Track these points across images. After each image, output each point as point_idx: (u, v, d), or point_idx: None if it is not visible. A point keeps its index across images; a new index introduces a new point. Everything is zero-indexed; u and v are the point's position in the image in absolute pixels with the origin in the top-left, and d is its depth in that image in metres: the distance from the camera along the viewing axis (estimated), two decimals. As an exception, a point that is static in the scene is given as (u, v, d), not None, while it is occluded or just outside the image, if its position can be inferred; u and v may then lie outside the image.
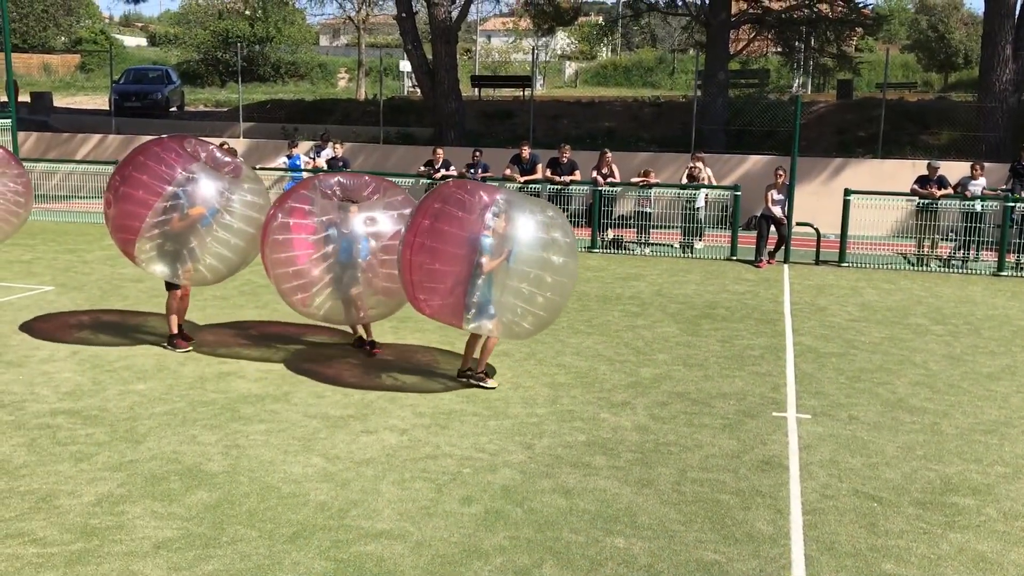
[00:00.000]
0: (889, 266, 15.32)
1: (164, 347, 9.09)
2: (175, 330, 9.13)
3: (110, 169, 18.31)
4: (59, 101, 34.45)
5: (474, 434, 7.10)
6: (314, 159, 18.15)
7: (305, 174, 17.11)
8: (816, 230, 15.56)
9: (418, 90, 27.67)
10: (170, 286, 9.02)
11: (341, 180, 8.83)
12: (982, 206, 15.28)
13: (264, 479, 6.15)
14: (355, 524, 5.55)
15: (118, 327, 10.02)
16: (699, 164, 16.56)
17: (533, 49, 30.67)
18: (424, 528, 5.53)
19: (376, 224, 8.38)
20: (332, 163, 17.70)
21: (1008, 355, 9.86)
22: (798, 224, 15.64)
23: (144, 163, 8.56)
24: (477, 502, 5.90)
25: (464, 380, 8.27)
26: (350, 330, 9.51)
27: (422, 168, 17.11)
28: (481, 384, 8.21)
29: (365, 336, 9.31)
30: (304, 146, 19.56)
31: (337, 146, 18.15)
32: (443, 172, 16.76)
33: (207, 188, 8.50)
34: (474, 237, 7.61)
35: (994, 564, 5.29)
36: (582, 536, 5.48)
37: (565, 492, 6.09)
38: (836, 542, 5.50)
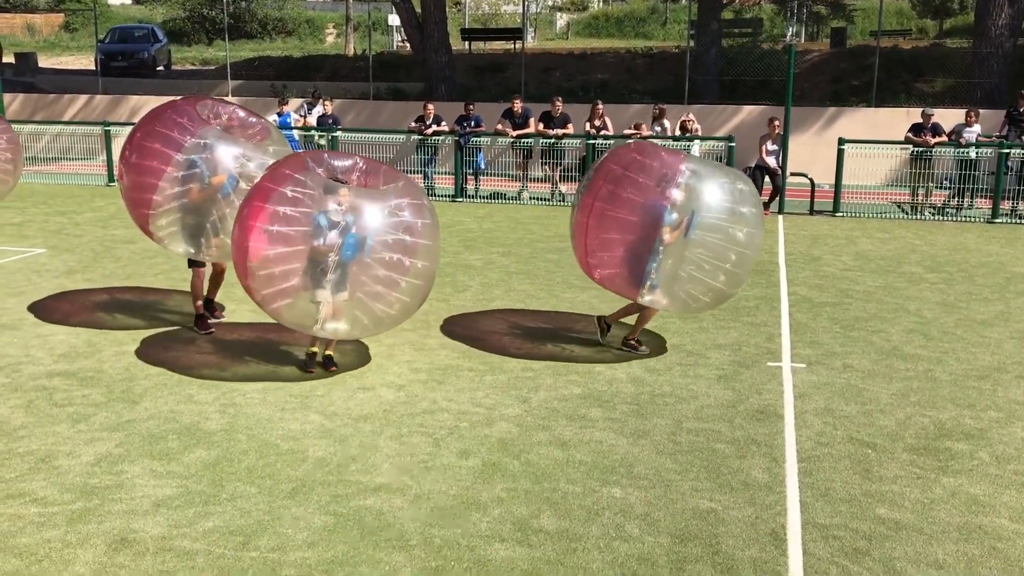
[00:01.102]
0: (883, 215, 15.30)
1: (192, 330, 8.41)
2: (200, 310, 8.47)
3: (98, 130, 18.25)
4: (44, 62, 33.98)
5: (470, 389, 7.12)
6: (304, 116, 17.98)
7: (296, 132, 16.97)
8: (811, 180, 15.51)
9: (407, 45, 27.35)
10: (192, 263, 8.35)
11: (329, 159, 7.21)
12: (976, 153, 15.22)
13: (262, 436, 6.18)
14: (354, 479, 5.59)
15: (112, 288, 9.99)
16: (663, 119, 16.38)
17: (523, 0, 30.27)
18: (422, 481, 5.56)
19: (385, 216, 6.78)
20: (322, 120, 17.55)
21: (1002, 301, 9.89)
22: (792, 174, 15.58)
23: (155, 130, 7.86)
24: (474, 455, 5.94)
25: (625, 349, 8.05)
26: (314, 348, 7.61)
27: (413, 124, 16.96)
28: (635, 350, 7.99)
29: (321, 350, 7.56)
30: (294, 103, 19.37)
31: (327, 103, 17.96)
32: (434, 128, 16.62)
33: (225, 153, 7.79)
34: (651, 205, 7.26)
35: (986, 507, 5.35)
36: (579, 487, 5.52)
37: (561, 444, 6.13)
38: (831, 488, 5.56)
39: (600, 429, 6.39)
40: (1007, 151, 14.88)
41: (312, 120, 17.70)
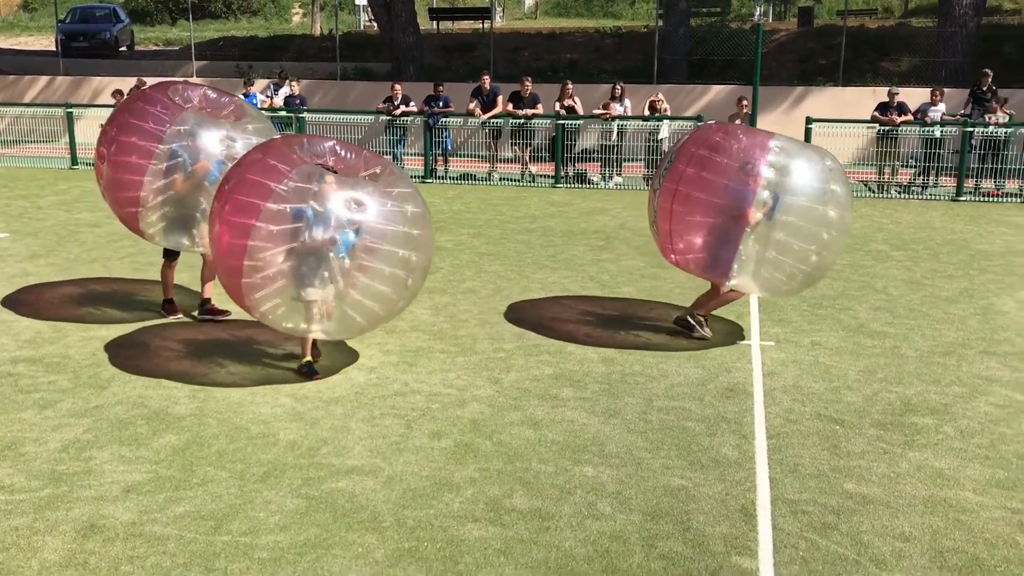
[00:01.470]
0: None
1: (160, 314, 8.30)
2: (170, 295, 8.36)
3: (60, 112, 17.92)
4: (2, 42, 33.32)
5: (442, 371, 7.12)
6: (271, 97, 17.79)
7: (263, 113, 16.77)
8: (778, 159, 15.60)
9: (375, 24, 27.11)
10: (168, 254, 8.17)
11: (311, 145, 6.66)
12: (941, 132, 15.39)
13: (233, 420, 6.14)
14: (326, 462, 5.57)
15: (76, 274, 9.85)
16: (624, 97, 16.37)
17: (492, -20, 30.03)
18: (395, 463, 5.56)
19: (379, 207, 6.33)
20: (289, 101, 17.37)
21: (966, 278, 10.03)
22: (760, 154, 15.64)
23: (129, 122, 7.50)
24: (447, 436, 5.94)
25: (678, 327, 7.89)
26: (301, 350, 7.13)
27: (381, 104, 16.84)
28: (692, 332, 7.82)
29: (303, 354, 7.03)
30: (260, 84, 19.15)
31: (294, 84, 17.80)
32: (403, 108, 16.52)
33: (207, 139, 7.44)
34: (737, 187, 7.09)
35: (951, 480, 5.45)
36: (551, 466, 5.55)
37: (533, 424, 6.15)
38: (799, 464, 5.63)
39: (572, 409, 6.42)
40: (971, 130, 15.06)
41: (278, 101, 17.52)
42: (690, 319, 7.90)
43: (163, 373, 6.96)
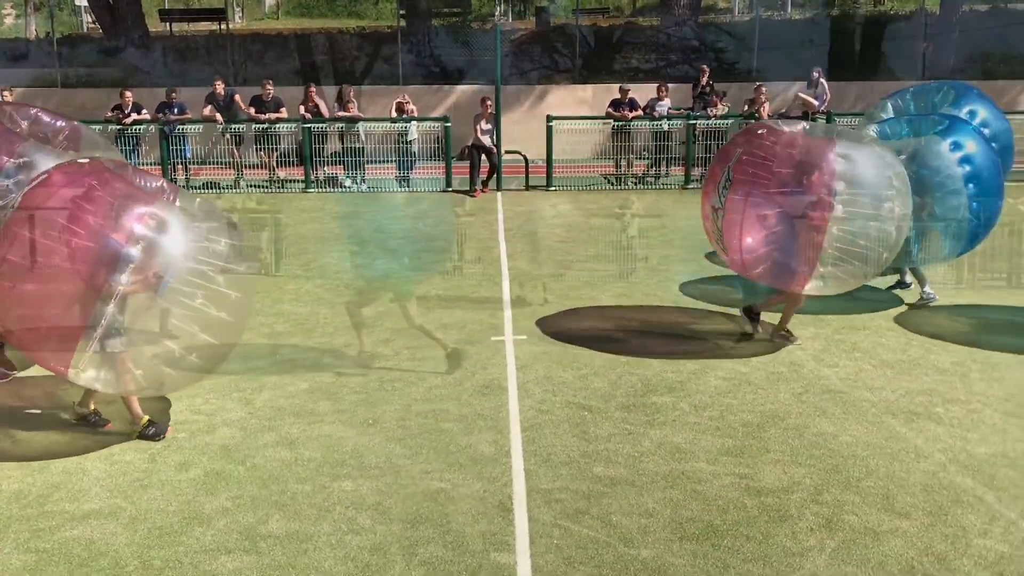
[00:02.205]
0: (592, 187, 16.24)
1: None
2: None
3: None
4: None
5: (187, 396, 6.73)
6: (-21, 108, 16.10)
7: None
8: (524, 157, 16.13)
9: (99, 26, 25.29)
10: None
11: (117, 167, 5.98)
12: (669, 125, 16.55)
13: (-57, 476, 5.49)
14: (58, 509, 5.11)
15: None
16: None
17: (227, -21, 28.84)
18: (138, 501, 5.20)
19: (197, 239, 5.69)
20: (2, 112, 15.81)
21: (696, 262, 10.84)
22: (507, 152, 16.12)
23: None
24: (195, 466, 5.64)
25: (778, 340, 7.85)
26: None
27: (110, 113, 15.75)
28: (788, 340, 7.81)
29: (133, 415, 6.12)
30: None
31: (6, 92, 16.23)
32: (134, 116, 15.53)
33: (44, 167, 6.20)
34: (801, 194, 7.03)
35: (688, 453, 5.85)
36: (308, 485, 5.41)
37: (289, 443, 5.97)
38: (552, 453, 5.83)
39: (329, 423, 6.29)
40: (694, 122, 16.30)
41: (-11, 112, 15.89)
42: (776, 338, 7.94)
43: None
